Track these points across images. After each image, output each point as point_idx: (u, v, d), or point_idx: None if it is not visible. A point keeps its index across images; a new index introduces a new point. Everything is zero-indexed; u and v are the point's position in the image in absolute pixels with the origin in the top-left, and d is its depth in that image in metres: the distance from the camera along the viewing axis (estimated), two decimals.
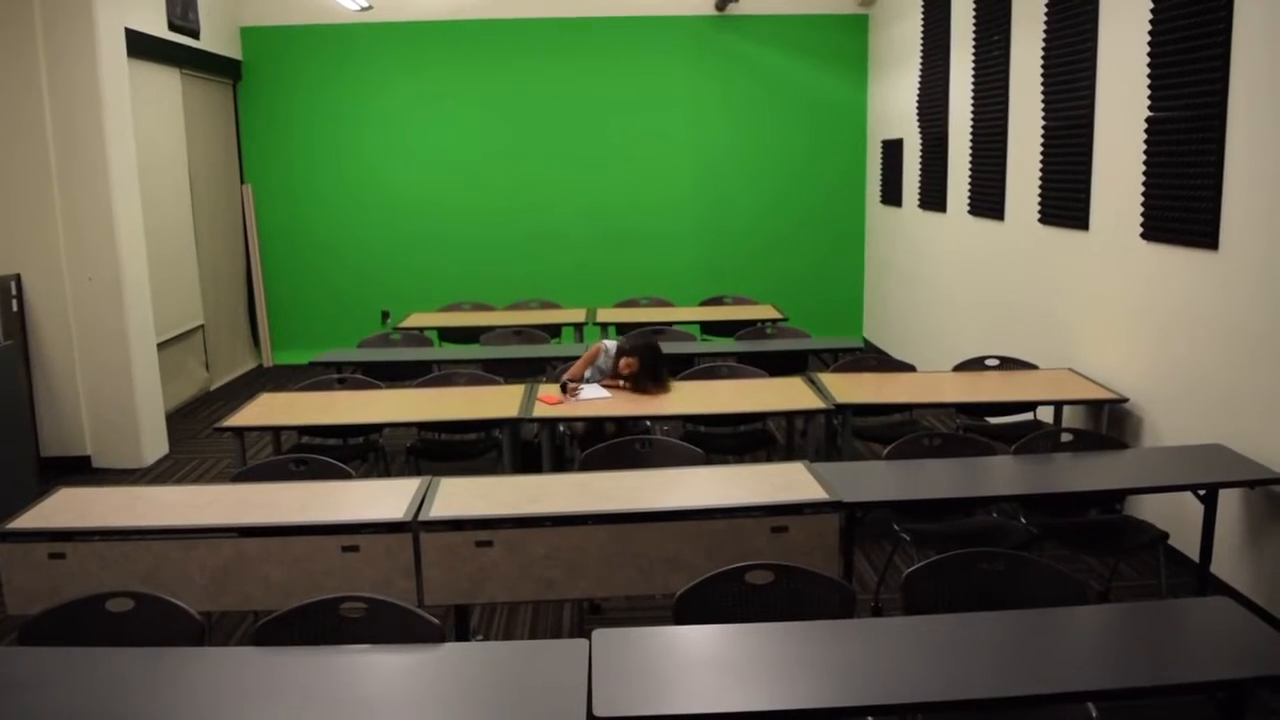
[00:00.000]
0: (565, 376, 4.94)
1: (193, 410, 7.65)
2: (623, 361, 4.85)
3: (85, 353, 6.12)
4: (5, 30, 5.75)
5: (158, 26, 7.25)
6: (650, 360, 4.86)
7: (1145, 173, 4.57)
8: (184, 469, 6.29)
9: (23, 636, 2.50)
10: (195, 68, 8.02)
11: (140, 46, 6.74)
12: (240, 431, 4.52)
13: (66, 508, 3.35)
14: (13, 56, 5.78)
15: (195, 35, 7.89)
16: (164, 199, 7.38)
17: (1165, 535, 3.78)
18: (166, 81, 7.56)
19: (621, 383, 4.88)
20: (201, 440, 6.85)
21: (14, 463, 4.87)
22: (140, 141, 6.50)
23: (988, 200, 6.46)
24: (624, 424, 4.90)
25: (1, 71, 5.78)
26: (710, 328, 7.16)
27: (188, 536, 3.17)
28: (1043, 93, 5.59)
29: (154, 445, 6.43)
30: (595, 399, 4.74)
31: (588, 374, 5.01)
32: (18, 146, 5.86)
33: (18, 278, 5.93)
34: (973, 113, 6.66)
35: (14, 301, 5.88)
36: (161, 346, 6.83)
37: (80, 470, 6.14)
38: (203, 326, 8.12)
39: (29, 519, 3.24)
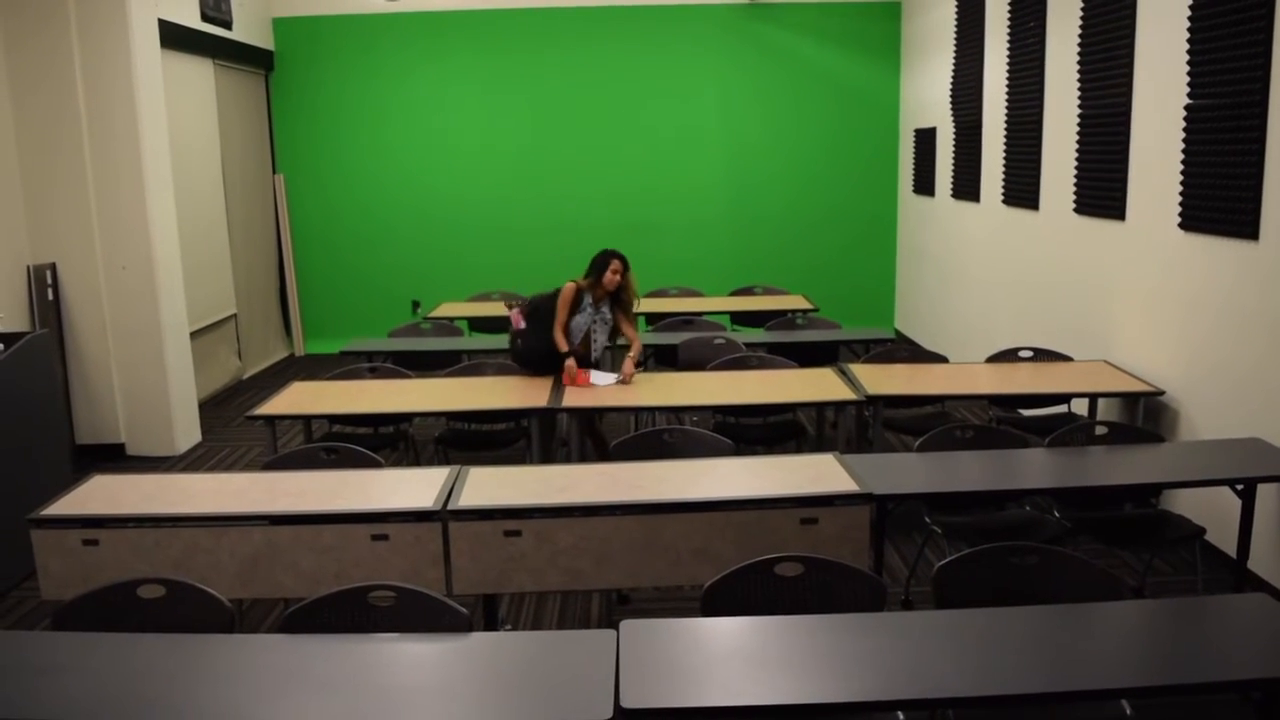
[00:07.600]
0: (557, 329, 4.91)
1: (225, 399, 7.72)
2: (609, 273, 4.96)
3: (119, 341, 6.18)
4: (40, 21, 5.80)
5: (191, 17, 7.30)
6: (613, 253, 5.00)
7: (1184, 162, 4.49)
8: (216, 457, 6.35)
9: (56, 622, 2.53)
10: (228, 58, 8.07)
11: (173, 37, 6.78)
12: (271, 420, 4.56)
13: (100, 495, 3.38)
14: (48, 47, 5.83)
15: (228, 26, 7.94)
16: (197, 189, 7.44)
17: (1202, 530, 3.73)
18: (200, 72, 7.62)
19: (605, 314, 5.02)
20: (234, 428, 6.92)
21: (49, 450, 4.92)
22: (174, 132, 6.55)
23: (1022, 190, 6.38)
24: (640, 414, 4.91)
25: (37, 62, 5.84)
26: (740, 318, 7.13)
27: (219, 524, 3.20)
28: (1079, 80, 5.50)
29: (187, 433, 6.50)
30: (608, 386, 4.75)
31: (584, 322, 5.01)
32: (53, 136, 5.92)
33: (53, 266, 6.00)
34: (1007, 101, 6.57)
35: (49, 290, 5.95)
36: (195, 335, 6.89)
37: (114, 458, 6.21)
38: (235, 316, 8.19)
39: (63, 506, 3.28)
